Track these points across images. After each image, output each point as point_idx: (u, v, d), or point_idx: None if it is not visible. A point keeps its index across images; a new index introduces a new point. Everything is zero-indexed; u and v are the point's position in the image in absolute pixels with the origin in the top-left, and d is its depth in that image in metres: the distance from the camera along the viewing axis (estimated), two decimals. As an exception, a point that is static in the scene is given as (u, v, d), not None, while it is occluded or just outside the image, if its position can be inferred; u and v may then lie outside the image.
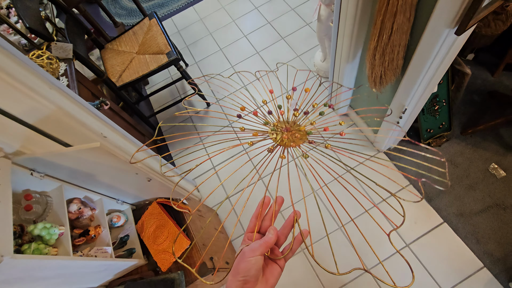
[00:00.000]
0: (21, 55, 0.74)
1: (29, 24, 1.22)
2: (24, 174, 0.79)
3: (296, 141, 0.50)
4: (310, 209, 1.66)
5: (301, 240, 0.41)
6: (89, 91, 1.36)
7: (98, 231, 0.95)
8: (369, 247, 1.29)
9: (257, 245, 0.38)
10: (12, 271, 0.65)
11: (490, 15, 1.05)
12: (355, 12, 1.15)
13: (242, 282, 0.37)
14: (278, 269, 0.41)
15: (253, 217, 0.44)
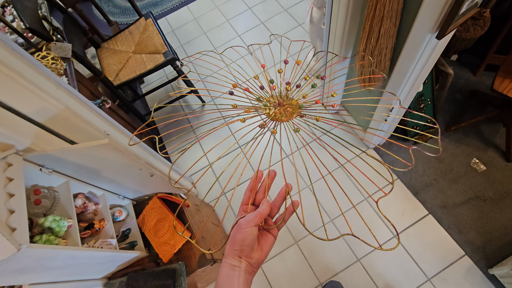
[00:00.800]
0: (30, 57, 0.78)
1: (29, 24, 1.24)
2: (34, 170, 0.83)
3: (288, 116, 0.49)
4: (303, 184, 1.73)
5: (293, 211, 0.43)
6: (88, 90, 1.40)
7: (103, 224, 0.99)
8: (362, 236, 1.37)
9: (252, 217, 0.40)
10: (27, 260, 0.69)
11: (469, 20, 1.13)
12: (345, 16, 1.21)
13: (239, 251, 0.40)
14: (271, 238, 0.44)
15: (247, 190, 0.46)
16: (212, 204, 1.82)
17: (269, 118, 0.50)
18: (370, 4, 0.99)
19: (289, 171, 1.77)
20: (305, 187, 1.75)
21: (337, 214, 1.66)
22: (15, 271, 0.71)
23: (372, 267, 1.53)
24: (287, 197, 0.44)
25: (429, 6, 0.88)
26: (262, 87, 0.54)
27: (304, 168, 0.49)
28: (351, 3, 1.14)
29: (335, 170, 1.73)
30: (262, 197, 0.46)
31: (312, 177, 1.72)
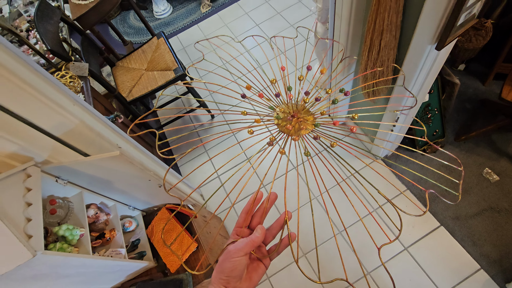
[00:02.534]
0: (50, 76, 0.84)
1: (50, 47, 1.34)
2: (50, 181, 0.88)
3: (299, 134, 0.46)
4: (305, 212, 1.72)
5: (287, 244, 0.40)
6: (102, 106, 1.47)
7: (113, 234, 1.03)
8: (368, 249, 1.36)
9: (242, 245, 0.38)
10: (41, 266, 0.73)
11: (471, 31, 1.14)
12: (347, 31, 1.25)
13: (226, 280, 0.37)
14: (262, 267, 0.41)
15: (243, 212, 0.43)
16: (222, 216, 1.84)
17: (280, 129, 0.46)
18: (370, 19, 1.02)
19: (294, 181, 1.78)
20: (312, 198, 1.75)
21: (346, 225, 1.65)
22: (30, 277, 0.75)
23: (383, 281, 1.49)
24: (285, 226, 0.41)
25: (427, 18, 0.90)
26: (278, 95, 0.50)
27: (312, 178, 0.46)
28: (352, 18, 1.18)
29: (339, 183, 1.73)
30: (258, 222, 0.43)
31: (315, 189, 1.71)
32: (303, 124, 0.47)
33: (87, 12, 1.71)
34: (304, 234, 1.68)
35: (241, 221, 0.43)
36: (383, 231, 0.43)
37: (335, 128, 0.48)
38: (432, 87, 1.47)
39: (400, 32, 1.05)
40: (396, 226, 0.40)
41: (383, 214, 1.63)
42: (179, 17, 2.93)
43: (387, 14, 0.95)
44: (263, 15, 2.68)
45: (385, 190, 0.44)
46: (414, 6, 0.94)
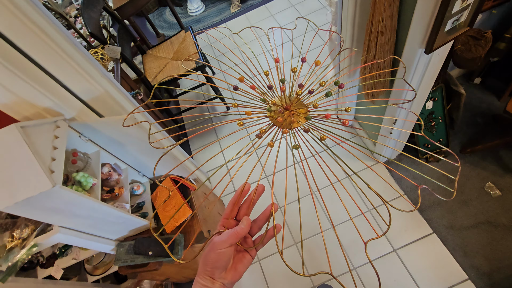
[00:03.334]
0: (86, 51, 1.02)
1: (91, 30, 1.55)
2: (75, 137, 1.06)
3: (290, 126, 0.46)
4: (297, 207, 1.79)
5: (272, 235, 0.41)
6: (129, 86, 1.67)
7: (121, 191, 1.19)
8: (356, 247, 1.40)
9: (227, 236, 0.38)
10: (59, 200, 0.90)
11: (471, 40, 1.18)
12: (352, 33, 1.34)
13: (211, 272, 0.38)
14: (248, 258, 0.41)
15: (230, 203, 0.43)
16: (224, 200, 1.97)
17: (272, 121, 0.46)
18: (368, 21, 1.11)
19: (294, 175, 1.86)
20: (307, 194, 1.82)
21: (339, 221, 1.70)
22: (49, 209, 0.92)
23: (368, 277, 1.53)
24: (271, 217, 0.42)
25: (417, 23, 0.97)
26: (271, 87, 0.50)
27: (308, 176, 0.45)
28: (356, 22, 1.27)
29: (339, 181, 1.79)
30: (245, 213, 0.43)
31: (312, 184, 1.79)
32: (295, 117, 0.46)
33: (126, 3, 1.93)
34: (295, 228, 1.76)
35: (228, 212, 0.43)
36: (371, 226, 0.44)
37: (327, 121, 0.46)
38: (436, 95, 1.50)
39: (397, 36, 1.12)
40: (385, 222, 0.39)
41: (376, 215, 1.67)
42: (210, 15, 3.13)
43: (381, 18, 1.03)
44: (287, 18, 2.80)
45: (382, 193, 0.43)
46: (407, 11, 1.02)
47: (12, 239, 1.00)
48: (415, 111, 1.39)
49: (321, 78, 0.51)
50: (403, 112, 1.36)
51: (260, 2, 3.01)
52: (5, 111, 0.91)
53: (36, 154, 0.80)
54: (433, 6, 0.88)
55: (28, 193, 0.80)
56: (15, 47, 0.83)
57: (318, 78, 0.52)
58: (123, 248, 1.24)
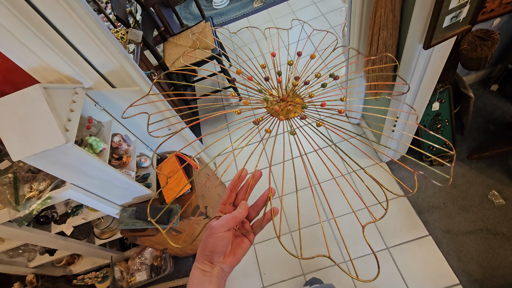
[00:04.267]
0: (107, 29, 1.14)
1: (117, 13, 1.69)
2: (91, 105, 1.17)
3: (288, 114, 0.47)
4: (291, 197, 1.83)
5: (270, 218, 0.41)
6: (146, 68, 1.79)
7: (129, 159, 1.31)
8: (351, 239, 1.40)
9: (225, 221, 0.38)
10: (72, 157, 1.01)
11: (478, 40, 1.17)
12: (359, 29, 1.36)
13: (209, 256, 0.38)
14: (247, 242, 0.42)
15: (228, 189, 0.43)
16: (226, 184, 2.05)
17: (269, 112, 0.48)
18: (372, 16, 1.14)
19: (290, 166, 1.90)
20: (306, 186, 1.86)
21: (337, 215, 1.73)
22: (63, 165, 1.03)
23: (358, 270, 1.55)
24: (268, 202, 0.42)
25: (416, 18, 0.99)
26: (267, 79, 0.51)
27: (307, 167, 0.47)
28: (364, 17, 1.29)
29: (333, 179, 1.81)
30: (242, 199, 0.44)
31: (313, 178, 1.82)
32: (292, 107, 0.47)
33: (152, -8, 2.06)
34: (291, 217, 1.81)
35: (226, 198, 0.43)
36: (368, 210, 0.43)
37: (324, 109, 0.47)
38: (443, 96, 1.49)
39: (400, 31, 1.14)
40: (383, 206, 0.39)
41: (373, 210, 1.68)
42: (233, 9, 3.23)
43: (383, 11, 1.06)
44: (308, 15, 2.83)
45: (380, 192, 0.43)
46: (409, 6, 1.04)
47: (30, 190, 1.13)
48: (418, 110, 1.39)
49: (318, 71, 0.53)
50: (405, 108, 1.37)
51: (283, -1, 3.07)
52: (32, 75, 1.03)
53: (54, 112, 0.92)
54: (430, 1, 0.90)
55: (45, 146, 0.91)
56: (46, 19, 0.95)
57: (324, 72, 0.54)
58: (126, 213, 1.35)
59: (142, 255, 1.81)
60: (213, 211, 1.48)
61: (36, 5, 0.92)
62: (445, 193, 1.65)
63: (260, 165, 2.03)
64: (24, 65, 1.00)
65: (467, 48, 1.16)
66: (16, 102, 0.92)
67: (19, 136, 0.93)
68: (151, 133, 0.49)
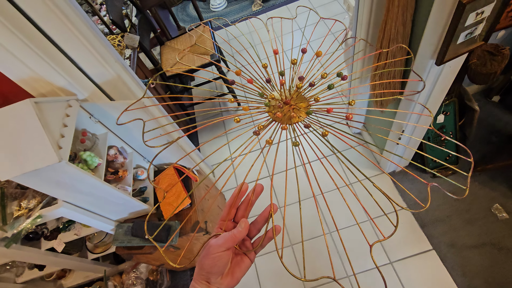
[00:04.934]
0: (103, 36, 1.07)
1: (112, 17, 1.61)
2: (85, 117, 1.11)
3: (290, 121, 0.43)
4: (297, 210, 1.79)
5: (271, 237, 0.39)
6: (143, 74, 1.72)
7: (125, 173, 1.24)
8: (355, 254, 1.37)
9: (223, 240, 0.36)
10: (64, 175, 0.94)
11: (487, 55, 1.14)
12: (366, 39, 1.33)
13: (206, 277, 0.37)
14: (247, 262, 0.40)
15: (227, 205, 0.42)
16: (226, 196, 1.99)
17: (271, 117, 0.44)
18: (381, 27, 1.10)
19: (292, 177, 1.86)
20: (309, 197, 1.82)
21: (339, 227, 1.69)
22: (54, 182, 0.97)
23: (361, 285, 1.52)
24: (270, 219, 0.40)
25: (429, 33, 0.96)
26: (269, 80, 0.49)
27: (310, 177, 0.44)
28: (371, 27, 1.26)
29: (337, 189, 1.77)
30: (243, 215, 0.42)
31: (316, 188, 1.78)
32: (295, 111, 0.44)
33: (149, -6, 1.99)
34: (293, 230, 1.76)
35: (225, 214, 0.41)
36: (377, 228, 0.42)
37: (330, 116, 0.44)
38: (449, 109, 1.46)
39: (410, 45, 1.11)
40: (393, 223, 0.38)
41: (378, 223, 1.65)
42: (232, 12, 3.17)
43: (393, 24, 1.02)
44: (308, 20, 2.79)
45: (384, 204, 0.41)
46: (421, 20, 1.00)
47: (19, 208, 1.06)
48: (426, 120, 1.36)
49: (323, 70, 0.49)
50: (413, 118, 1.34)
51: (282, 3, 3.02)
52: (22, 86, 0.96)
53: (46, 129, 0.85)
54: (446, 18, 0.86)
55: (36, 165, 0.84)
56: (37, 27, 0.89)
57: (327, 72, 0.49)
58: (122, 229, 1.29)
59: (137, 269, 1.74)
60: (212, 226, 1.42)
61: (26, 12, 0.85)
62: (449, 206, 1.63)
63: (261, 174, 1.98)
64: (13, 76, 0.93)
65: (476, 63, 1.14)
66: (4, 117, 0.85)
67: (6, 153, 0.86)
68: (146, 142, 0.45)
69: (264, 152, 0.44)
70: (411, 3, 0.97)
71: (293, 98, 0.46)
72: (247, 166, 0.43)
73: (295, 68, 0.50)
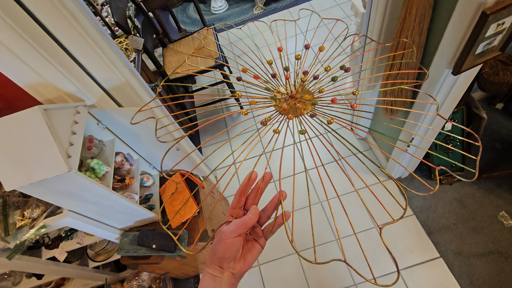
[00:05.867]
0: (112, 40, 1.04)
1: (117, 19, 1.58)
2: (93, 123, 1.07)
3: (296, 112, 0.45)
4: (305, 214, 1.77)
5: (281, 223, 0.40)
6: (147, 77, 1.68)
7: (132, 181, 1.20)
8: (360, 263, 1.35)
9: (235, 226, 0.37)
10: (72, 184, 0.90)
11: (500, 65, 1.14)
12: (377, 45, 1.32)
13: (219, 261, 0.38)
14: (258, 247, 0.41)
15: (237, 193, 0.43)
16: (230, 200, 1.96)
17: (277, 110, 0.46)
18: (395, 36, 1.09)
19: (302, 180, 1.84)
20: (317, 202, 1.81)
21: (345, 234, 1.68)
22: (61, 192, 0.93)
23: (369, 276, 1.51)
24: (279, 206, 0.40)
25: (447, 42, 0.95)
26: (274, 75, 0.50)
27: (319, 183, 0.42)
28: (383, 34, 1.25)
29: (350, 193, 1.76)
30: (253, 203, 0.43)
31: (322, 194, 1.76)
32: (302, 104, 0.45)
33: (153, -4, 1.96)
34: (301, 231, 1.74)
35: (235, 202, 0.42)
36: (386, 210, 0.42)
37: (334, 106, 0.45)
38: (457, 116, 1.46)
39: (424, 53, 1.10)
40: (401, 204, 0.40)
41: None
42: (233, 14, 3.15)
43: (409, 33, 1.01)
44: (309, 24, 2.79)
45: (390, 210, 0.41)
46: (438, 30, 1.00)
47: (22, 218, 1.02)
48: (433, 131, 1.36)
49: (327, 64, 0.50)
50: (421, 130, 1.33)
51: (284, 6, 3.02)
52: (29, 92, 0.92)
53: (55, 137, 0.81)
54: (466, 28, 0.85)
55: (44, 175, 0.81)
56: (46, 31, 0.85)
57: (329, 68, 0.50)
58: (127, 238, 1.25)
59: (139, 277, 1.70)
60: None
61: (36, 16, 0.82)
62: (454, 213, 1.63)
63: (262, 168, 1.95)
64: (20, 81, 0.89)
65: (488, 72, 1.14)
66: (11, 125, 0.81)
67: (13, 162, 0.82)
68: (159, 138, 0.47)
69: (266, 155, 0.45)
70: (428, 12, 0.96)
71: (298, 92, 0.47)
72: (249, 169, 0.43)
73: (299, 63, 0.52)
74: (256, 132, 0.46)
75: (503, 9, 0.77)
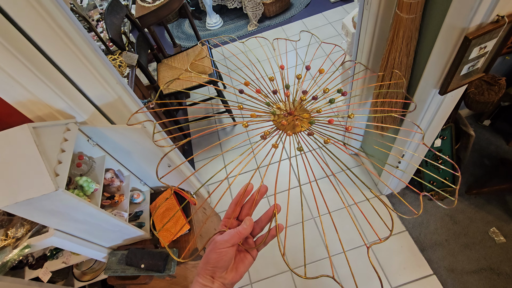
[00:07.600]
0: (104, 57, 1.04)
1: (111, 36, 1.59)
2: (83, 140, 1.06)
3: (294, 129, 0.46)
4: (292, 229, 1.76)
5: (275, 235, 0.40)
6: (141, 93, 1.69)
7: (121, 198, 1.18)
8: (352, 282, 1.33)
9: (229, 236, 0.38)
10: (59, 203, 0.88)
11: (485, 85, 1.18)
12: (367, 63, 1.35)
13: (211, 271, 0.38)
14: (249, 258, 0.41)
15: (232, 203, 0.43)
16: (222, 216, 1.93)
17: (276, 125, 0.47)
18: (384, 57, 1.12)
19: (295, 195, 1.83)
20: (310, 218, 1.79)
21: (339, 251, 1.66)
22: (48, 211, 0.90)
23: (362, 314, 1.48)
24: (273, 218, 0.41)
25: (433, 64, 0.98)
26: (275, 92, 0.52)
27: (312, 199, 0.44)
28: (372, 55, 1.28)
29: (340, 210, 1.76)
30: (247, 213, 0.43)
31: (315, 210, 1.76)
32: (299, 122, 0.47)
33: (148, 13, 1.99)
34: (294, 249, 1.72)
35: (230, 212, 0.43)
36: (373, 230, 0.43)
37: (331, 126, 0.47)
38: (446, 133, 1.49)
39: (412, 73, 1.13)
40: (388, 227, 0.41)
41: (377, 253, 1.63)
42: (227, 31, 3.21)
43: (397, 55, 1.04)
44: (302, 41, 2.85)
45: (382, 227, 0.41)
46: (424, 51, 1.03)
47: (6, 238, 0.98)
48: (424, 148, 1.38)
49: (325, 86, 0.53)
50: (412, 146, 1.35)
51: (277, 24, 3.09)
52: (19, 109, 0.91)
53: (43, 155, 0.80)
54: (450, 51, 0.89)
55: (30, 194, 0.79)
56: (38, 48, 0.85)
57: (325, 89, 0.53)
58: (115, 257, 1.21)
59: (127, 297, 1.64)
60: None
61: (27, 33, 0.82)
62: (446, 229, 1.63)
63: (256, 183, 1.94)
64: (10, 99, 0.88)
65: (474, 92, 1.17)
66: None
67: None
68: (156, 142, 0.53)
69: (260, 173, 0.47)
70: (415, 35, 1.00)
71: (297, 110, 0.49)
72: (242, 184, 0.45)
73: (299, 83, 0.55)
74: (251, 148, 0.49)
75: (484, 34, 0.81)
